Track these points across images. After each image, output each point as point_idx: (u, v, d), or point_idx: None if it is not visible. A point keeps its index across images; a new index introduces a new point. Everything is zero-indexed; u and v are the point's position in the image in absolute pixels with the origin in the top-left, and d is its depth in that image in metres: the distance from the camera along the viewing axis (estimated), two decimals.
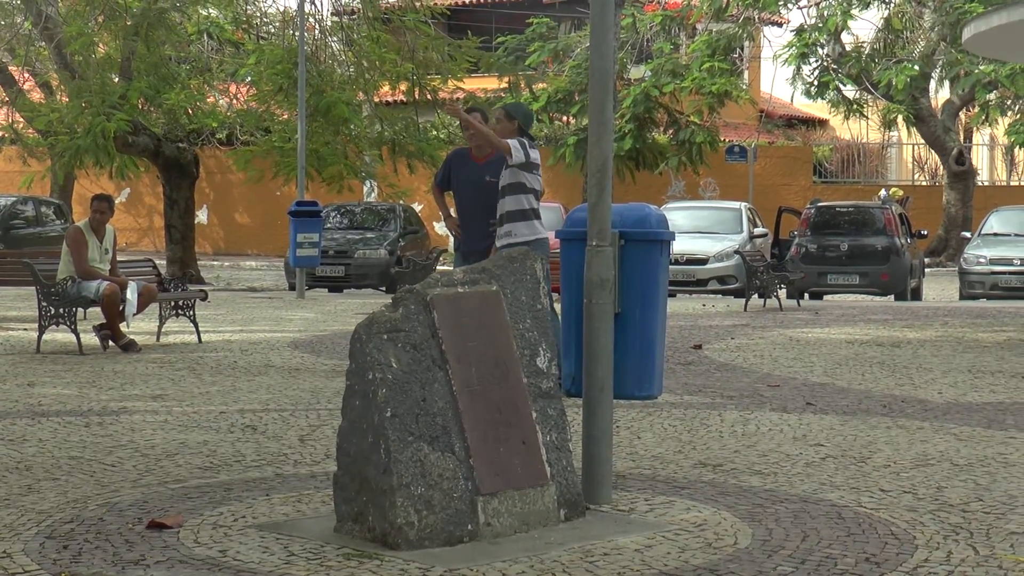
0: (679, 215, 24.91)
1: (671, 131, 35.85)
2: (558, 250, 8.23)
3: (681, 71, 34.95)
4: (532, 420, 6.07)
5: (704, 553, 5.56)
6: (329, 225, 25.13)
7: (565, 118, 36.99)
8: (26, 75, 29.96)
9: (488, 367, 6.00)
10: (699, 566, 5.37)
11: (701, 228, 25.10)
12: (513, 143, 9.41)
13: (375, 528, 5.63)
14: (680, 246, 22.22)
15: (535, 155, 9.59)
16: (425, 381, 5.80)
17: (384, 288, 24.40)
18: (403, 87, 27.37)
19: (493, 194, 9.72)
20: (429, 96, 26.89)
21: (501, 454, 5.89)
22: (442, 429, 5.76)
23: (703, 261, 24.16)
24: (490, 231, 9.85)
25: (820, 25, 35.04)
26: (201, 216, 36.51)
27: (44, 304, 12.96)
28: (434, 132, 27.80)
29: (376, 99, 28.93)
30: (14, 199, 28.34)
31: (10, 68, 29.64)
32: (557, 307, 8.53)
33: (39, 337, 13.07)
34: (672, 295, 21.27)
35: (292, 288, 23.47)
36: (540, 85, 34.39)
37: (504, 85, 30.41)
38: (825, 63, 35.58)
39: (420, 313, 5.91)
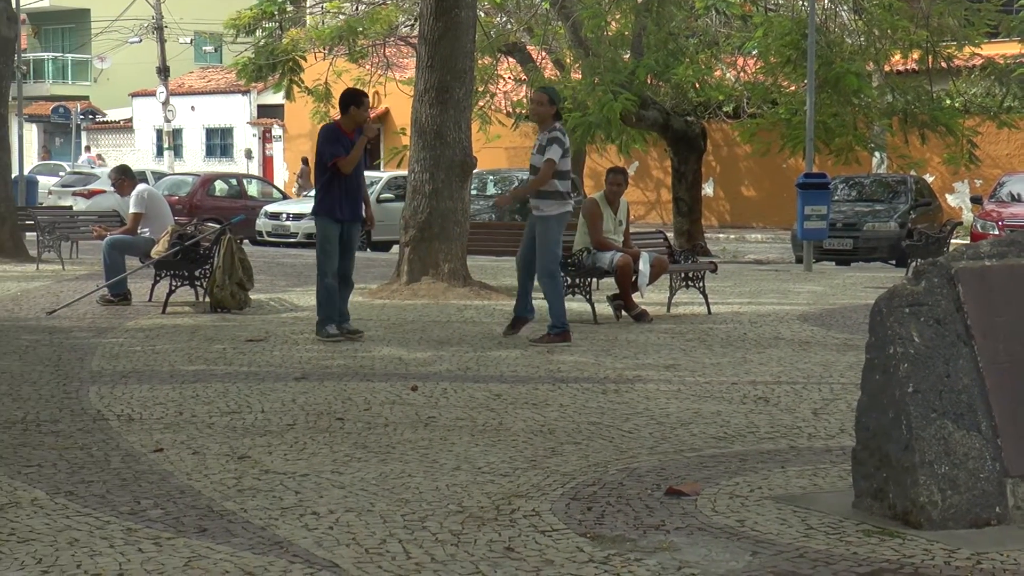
0: None
1: None
2: None
3: None
4: None
5: None
6: (837, 197, 24.75)
7: None
8: (542, 54, 31.14)
9: (1018, 343, 5.73)
10: None
11: None
12: (552, 155, 11.42)
13: (895, 506, 5.50)
14: None
15: (567, 142, 11.65)
16: (949, 356, 5.60)
17: (894, 262, 23.79)
18: (916, 55, 26.52)
19: (361, 168, 11.77)
20: (944, 64, 25.94)
21: None
22: (967, 406, 5.55)
23: None
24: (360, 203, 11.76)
25: None
26: (707, 189, 36.83)
27: (561, 274, 13.39)
28: (948, 101, 26.79)
29: (887, 68, 28.19)
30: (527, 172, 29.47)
31: (528, 47, 30.90)
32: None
33: None
34: None
35: (799, 261, 23.29)
36: None
37: None
38: None
39: (944, 287, 5.72)
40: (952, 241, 20.16)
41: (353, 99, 11.82)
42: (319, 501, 5.91)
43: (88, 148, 51.35)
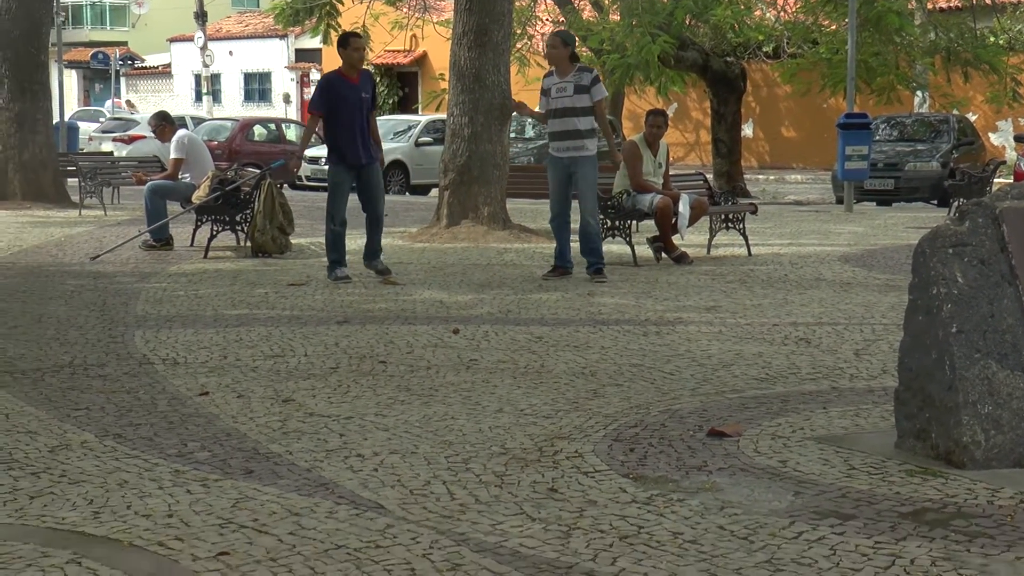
0: None
1: None
2: None
3: None
4: None
5: None
6: (878, 137, 24.58)
7: None
8: None
9: None
10: None
11: None
12: (605, 93, 11.96)
13: (938, 446, 5.50)
14: None
15: None
16: (993, 297, 5.58)
17: (935, 201, 23.66)
18: None
19: (367, 111, 11.63)
20: (988, 1, 25.64)
21: None
22: (1011, 346, 5.53)
23: None
24: (372, 145, 11.63)
25: None
26: (747, 130, 36.63)
27: (600, 216, 13.38)
28: (992, 38, 26.45)
29: (930, 6, 27.88)
30: None
31: None
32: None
33: None
34: None
35: (839, 202, 23.19)
36: None
37: None
38: None
39: (988, 227, 5.69)
40: (995, 180, 20.00)
41: (340, 42, 12.03)
42: (363, 443, 5.96)
43: (116, 94, 51.44)
